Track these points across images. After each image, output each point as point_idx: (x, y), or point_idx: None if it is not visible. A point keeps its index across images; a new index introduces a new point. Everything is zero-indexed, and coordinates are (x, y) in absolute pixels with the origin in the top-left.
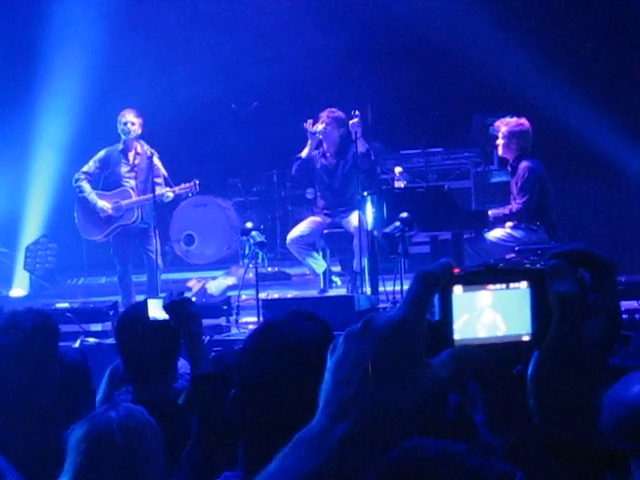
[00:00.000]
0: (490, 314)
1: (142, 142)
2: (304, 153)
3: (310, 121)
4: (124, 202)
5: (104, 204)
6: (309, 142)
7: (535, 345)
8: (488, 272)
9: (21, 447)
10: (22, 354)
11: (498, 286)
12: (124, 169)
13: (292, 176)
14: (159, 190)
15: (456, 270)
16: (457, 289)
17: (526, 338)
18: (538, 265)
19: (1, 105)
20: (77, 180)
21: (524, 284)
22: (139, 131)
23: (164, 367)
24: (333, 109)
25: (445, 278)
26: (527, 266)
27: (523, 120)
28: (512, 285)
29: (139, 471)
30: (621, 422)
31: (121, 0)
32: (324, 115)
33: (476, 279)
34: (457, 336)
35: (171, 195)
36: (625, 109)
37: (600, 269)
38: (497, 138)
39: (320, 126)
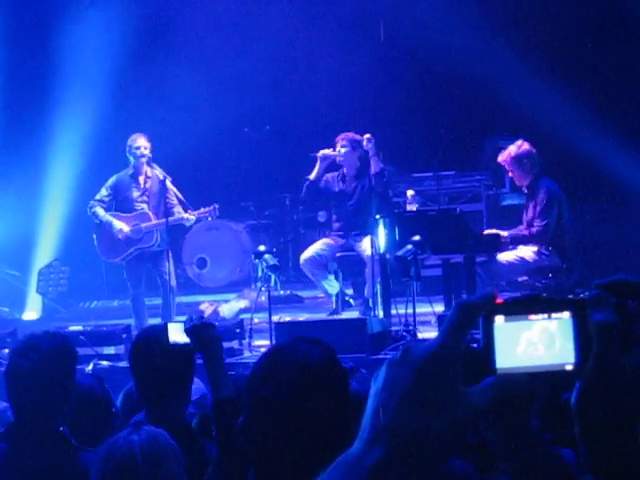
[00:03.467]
0: (532, 343)
1: (155, 165)
2: (312, 175)
3: (326, 151)
4: (144, 225)
5: (121, 225)
6: (317, 164)
7: (578, 374)
8: (530, 302)
9: (38, 470)
10: (41, 377)
11: (540, 316)
12: (136, 194)
13: (302, 198)
14: (179, 214)
15: (499, 300)
16: (499, 319)
17: (569, 367)
18: (581, 295)
19: (15, 129)
20: (91, 207)
21: (566, 314)
22: (150, 155)
23: (178, 391)
24: (348, 133)
25: (485, 308)
26: (570, 296)
27: (520, 142)
28: (554, 315)
29: None
30: None
31: (133, 26)
32: (340, 139)
33: (518, 309)
34: (499, 365)
35: (193, 219)
36: (638, 131)
37: None
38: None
39: (335, 152)
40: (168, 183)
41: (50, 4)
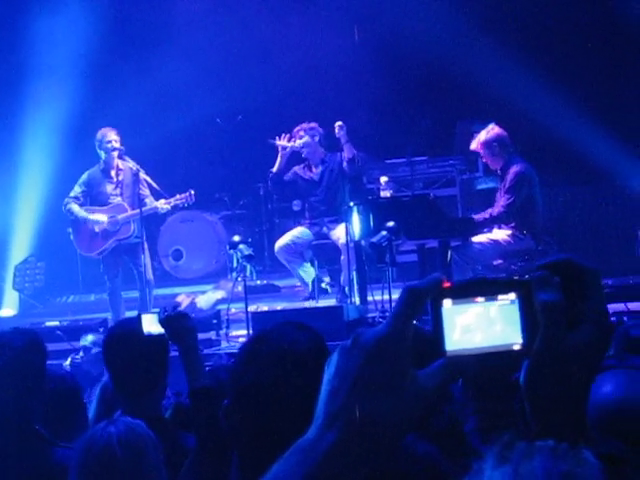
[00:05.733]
0: (480, 325)
1: (127, 158)
2: (275, 168)
3: (285, 136)
4: (120, 216)
5: (99, 217)
6: (279, 156)
7: (526, 353)
8: (476, 285)
9: (12, 467)
10: (13, 373)
11: (486, 298)
12: (109, 187)
13: (270, 191)
14: (153, 204)
15: (446, 284)
16: (447, 302)
17: (517, 347)
18: (526, 276)
19: None
20: (66, 204)
21: (512, 295)
22: (122, 148)
23: (153, 382)
24: (304, 123)
25: (431, 293)
26: (515, 278)
27: (490, 126)
28: (500, 297)
29: None
30: (592, 424)
31: (106, 19)
32: (298, 130)
33: (465, 292)
34: (449, 347)
35: (167, 207)
36: (612, 113)
37: (585, 277)
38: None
39: (299, 141)
40: (142, 174)
41: None
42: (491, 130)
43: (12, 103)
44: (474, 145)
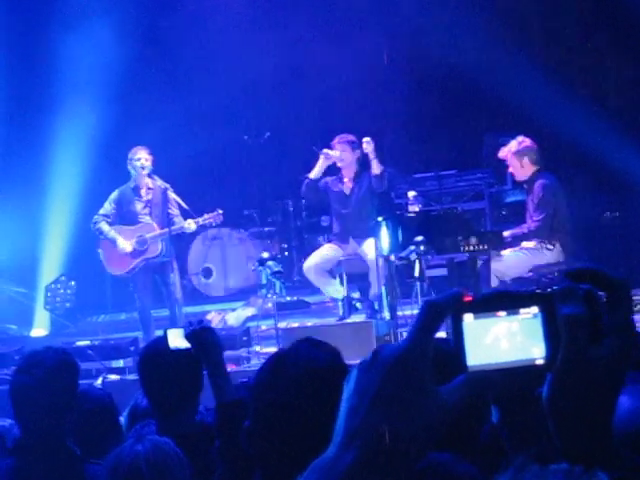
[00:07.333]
0: (502, 340)
1: (155, 177)
2: (313, 174)
3: (330, 152)
4: (148, 235)
5: (124, 244)
6: (319, 163)
7: (549, 368)
8: (498, 299)
9: None
10: (45, 392)
11: (508, 312)
12: (139, 206)
13: (301, 196)
14: (181, 223)
15: (467, 298)
16: (468, 317)
17: (540, 362)
18: (549, 289)
19: (16, 144)
20: (95, 223)
21: (535, 309)
22: (151, 167)
23: (187, 399)
24: (343, 135)
25: (452, 308)
26: (537, 291)
27: (522, 138)
28: (523, 310)
29: None
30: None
31: (135, 39)
32: (337, 141)
33: (486, 307)
34: (470, 362)
35: (194, 227)
36: (638, 124)
37: (612, 289)
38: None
39: (336, 153)
40: (170, 193)
41: (53, 15)
42: (523, 142)
43: (42, 122)
44: (503, 153)
